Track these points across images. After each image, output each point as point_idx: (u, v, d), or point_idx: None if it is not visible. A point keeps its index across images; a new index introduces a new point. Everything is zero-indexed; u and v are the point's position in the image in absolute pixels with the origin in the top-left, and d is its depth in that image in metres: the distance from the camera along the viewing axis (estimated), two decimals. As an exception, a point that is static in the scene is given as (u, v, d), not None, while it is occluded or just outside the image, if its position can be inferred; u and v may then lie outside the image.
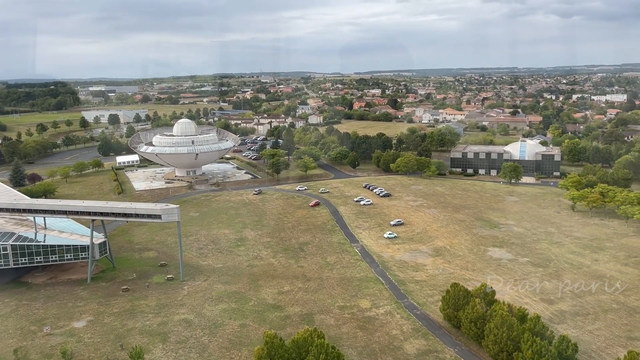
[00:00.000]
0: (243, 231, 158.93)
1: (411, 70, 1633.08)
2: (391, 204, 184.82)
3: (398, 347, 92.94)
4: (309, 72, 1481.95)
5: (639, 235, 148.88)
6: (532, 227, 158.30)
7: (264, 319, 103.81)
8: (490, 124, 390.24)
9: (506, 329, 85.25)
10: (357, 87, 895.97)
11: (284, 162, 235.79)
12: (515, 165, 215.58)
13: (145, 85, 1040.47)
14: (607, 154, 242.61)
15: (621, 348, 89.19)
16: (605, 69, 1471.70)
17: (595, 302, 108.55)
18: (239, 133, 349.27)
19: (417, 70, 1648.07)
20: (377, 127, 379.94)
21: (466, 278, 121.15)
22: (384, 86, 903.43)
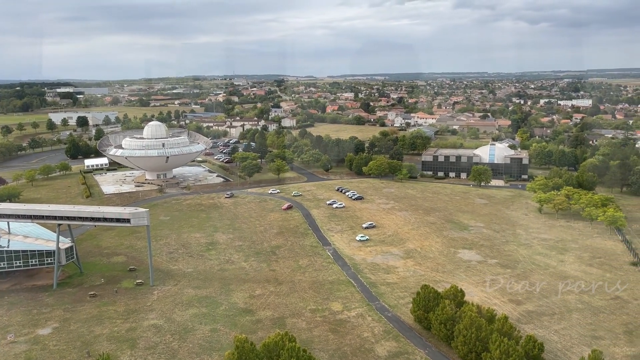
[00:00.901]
0: (214, 235, 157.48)
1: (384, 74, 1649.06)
2: (363, 207, 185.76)
3: (369, 350, 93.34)
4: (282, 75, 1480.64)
5: (603, 237, 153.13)
6: (501, 229, 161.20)
7: (235, 323, 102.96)
8: (460, 128, 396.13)
9: (475, 330, 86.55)
10: (330, 90, 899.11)
11: (257, 165, 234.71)
12: (484, 169, 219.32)
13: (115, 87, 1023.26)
14: (573, 157, 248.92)
15: (586, 347, 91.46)
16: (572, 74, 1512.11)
17: (560, 302, 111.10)
18: (211, 136, 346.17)
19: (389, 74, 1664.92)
20: (350, 130, 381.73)
21: (437, 280, 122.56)
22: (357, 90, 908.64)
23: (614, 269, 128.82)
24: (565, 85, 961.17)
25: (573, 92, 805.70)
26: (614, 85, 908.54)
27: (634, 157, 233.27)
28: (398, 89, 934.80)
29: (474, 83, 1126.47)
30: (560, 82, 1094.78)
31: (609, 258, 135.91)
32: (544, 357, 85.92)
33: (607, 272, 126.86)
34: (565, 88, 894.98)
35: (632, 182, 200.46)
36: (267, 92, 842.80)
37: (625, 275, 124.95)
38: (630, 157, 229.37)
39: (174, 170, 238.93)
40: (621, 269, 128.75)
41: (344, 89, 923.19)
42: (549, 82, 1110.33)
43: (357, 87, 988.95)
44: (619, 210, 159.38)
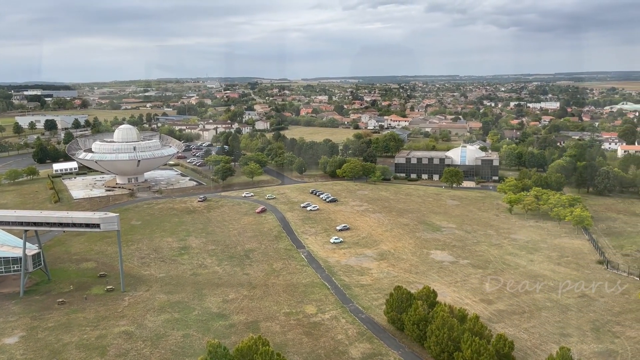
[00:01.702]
0: (187, 239, 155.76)
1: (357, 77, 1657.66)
2: (337, 209, 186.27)
3: (343, 352, 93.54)
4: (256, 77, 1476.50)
5: (570, 236, 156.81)
6: (473, 229, 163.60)
7: (208, 328, 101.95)
8: (432, 130, 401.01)
9: (447, 330, 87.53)
10: (304, 93, 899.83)
11: (230, 168, 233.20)
12: (456, 170, 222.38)
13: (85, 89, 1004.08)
14: (542, 158, 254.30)
15: (554, 344, 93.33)
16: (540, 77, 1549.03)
17: (530, 300, 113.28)
18: (183, 139, 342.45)
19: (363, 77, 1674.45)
20: (324, 133, 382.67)
21: (410, 281, 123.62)
22: (331, 92, 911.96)
23: (581, 267, 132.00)
24: (534, 88, 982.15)
25: (541, 94, 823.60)
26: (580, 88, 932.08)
27: (600, 158, 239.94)
28: (372, 92, 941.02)
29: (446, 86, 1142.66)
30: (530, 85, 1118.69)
31: (577, 257, 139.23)
32: (514, 356, 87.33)
33: (575, 270, 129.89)
34: (534, 91, 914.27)
35: (597, 183, 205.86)
36: (240, 94, 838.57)
37: (592, 273, 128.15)
38: (595, 158, 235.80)
39: (146, 174, 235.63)
40: (588, 267, 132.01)
41: (318, 92, 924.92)
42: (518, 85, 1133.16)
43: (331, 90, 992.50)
44: (585, 210, 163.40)
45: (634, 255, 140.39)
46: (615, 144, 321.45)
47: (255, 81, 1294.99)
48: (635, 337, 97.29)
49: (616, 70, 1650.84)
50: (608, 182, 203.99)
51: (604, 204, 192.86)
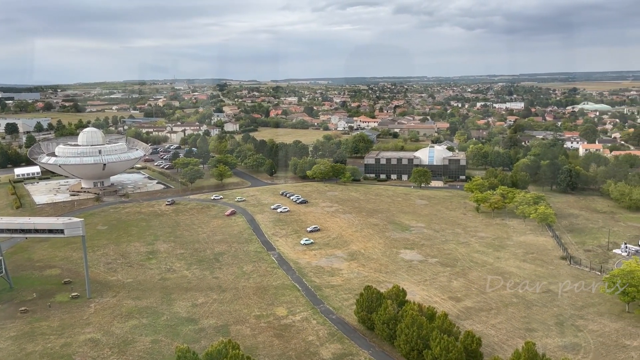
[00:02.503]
0: (155, 243, 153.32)
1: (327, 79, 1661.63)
2: (308, 211, 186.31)
3: (314, 353, 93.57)
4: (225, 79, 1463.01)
5: (535, 233, 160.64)
6: (441, 228, 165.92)
7: (177, 333, 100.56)
8: (401, 131, 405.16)
9: (416, 328, 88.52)
10: (273, 94, 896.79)
11: (198, 170, 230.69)
12: (424, 170, 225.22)
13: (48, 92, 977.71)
14: (507, 158, 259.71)
15: (520, 339, 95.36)
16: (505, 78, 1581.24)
17: (497, 297, 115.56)
18: (150, 142, 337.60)
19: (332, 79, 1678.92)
20: (294, 134, 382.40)
21: (380, 280, 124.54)
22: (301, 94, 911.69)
23: (546, 263, 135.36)
24: (500, 89, 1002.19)
25: (507, 95, 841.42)
26: (543, 89, 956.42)
27: (562, 157, 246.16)
28: (341, 93, 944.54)
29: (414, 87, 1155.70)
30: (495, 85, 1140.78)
31: (541, 253, 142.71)
32: (481, 352, 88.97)
33: (540, 267, 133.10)
34: (499, 91, 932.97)
35: (560, 181, 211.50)
36: (209, 96, 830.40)
37: (556, 269, 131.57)
38: (558, 157, 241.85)
39: (112, 178, 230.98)
40: (552, 263, 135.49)
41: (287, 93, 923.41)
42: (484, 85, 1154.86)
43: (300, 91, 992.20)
44: (549, 208, 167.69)
45: (595, 251, 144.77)
46: (577, 142, 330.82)
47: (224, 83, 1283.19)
48: (598, 331, 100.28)
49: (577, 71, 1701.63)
50: (570, 180, 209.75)
51: (566, 202, 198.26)
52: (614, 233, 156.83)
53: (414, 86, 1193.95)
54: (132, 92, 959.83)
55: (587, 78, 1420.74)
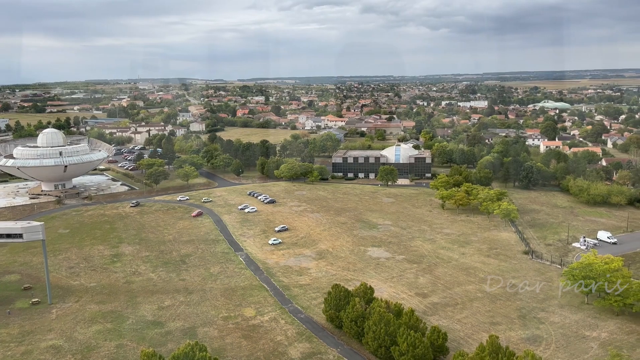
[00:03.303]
0: (119, 246, 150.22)
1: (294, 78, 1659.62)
2: (276, 210, 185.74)
3: (283, 353, 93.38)
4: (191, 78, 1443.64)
5: (499, 229, 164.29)
6: (407, 225, 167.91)
7: (143, 337, 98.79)
8: (368, 130, 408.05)
9: (384, 325, 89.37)
10: (240, 94, 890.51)
11: (164, 171, 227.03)
12: (391, 169, 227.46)
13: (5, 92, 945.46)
14: (471, 155, 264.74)
15: (485, 333, 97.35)
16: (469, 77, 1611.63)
17: (462, 292, 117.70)
18: (114, 142, 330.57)
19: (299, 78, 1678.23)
20: (261, 134, 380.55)
21: (348, 278, 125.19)
22: (268, 93, 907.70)
23: (509, 258, 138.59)
24: (464, 88, 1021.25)
25: (471, 94, 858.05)
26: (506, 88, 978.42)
27: (524, 154, 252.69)
28: (308, 93, 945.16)
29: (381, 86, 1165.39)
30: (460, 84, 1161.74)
31: (504, 248, 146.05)
32: (447, 346, 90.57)
33: (503, 261, 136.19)
34: (464, 90, 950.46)
35: (522, 177, 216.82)
36: (174, 96, 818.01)
37: (519, 263, 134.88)
38: (520, 154, 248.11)
39: (74, 180, 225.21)
40: (515, 257, 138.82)
41: (254, 93, 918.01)
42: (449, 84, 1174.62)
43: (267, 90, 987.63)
44: (512, 204, 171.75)
45: (556, 245, 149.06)
46: (538, 140, 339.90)
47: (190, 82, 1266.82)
48: (559, 322, 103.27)
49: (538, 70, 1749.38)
50: (532, 176, 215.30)
51: (528, 197, 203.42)
52: (573, 227, 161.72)
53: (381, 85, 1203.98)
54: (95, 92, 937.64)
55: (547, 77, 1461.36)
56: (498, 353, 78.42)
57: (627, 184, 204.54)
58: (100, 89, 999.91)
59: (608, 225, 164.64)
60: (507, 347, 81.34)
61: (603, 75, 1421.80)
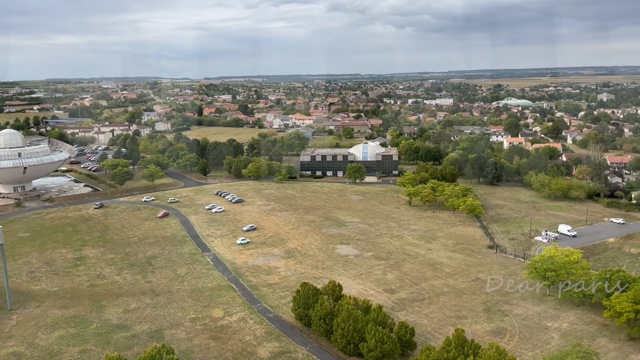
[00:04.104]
0: (83, 249, 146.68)
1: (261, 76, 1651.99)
2: (244, 210, 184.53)
3: (251, 353, 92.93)
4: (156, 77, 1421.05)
5: (464, 224, 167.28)
6: (375, 223, 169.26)
7: (107, 341, 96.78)
8: (336, 128, 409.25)
9: (352, 322, 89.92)
10: (207, 92, 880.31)
11: (128, 172, 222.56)
12: (358, 166, 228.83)
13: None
14: (437, 152, 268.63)
15: (451, 327, 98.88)
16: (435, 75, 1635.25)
17: (429, 287, 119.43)
18: (76, 143, 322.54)
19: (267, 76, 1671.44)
20: (228, 133, 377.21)
21: (316, 277, 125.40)
22: (235, 92, 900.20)
23: (474, 253, 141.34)
24: (430, 86, 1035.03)
25: (437, 92, 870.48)
26: (471, 85, 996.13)
27: (488, 150, 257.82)
28: (276, 91, 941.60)
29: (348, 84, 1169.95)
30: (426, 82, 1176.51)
31: (470, 243, 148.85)
32: (415, 341, 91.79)
33: (469, 256, 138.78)
34: (430, 88, 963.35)
35: (486, 173, 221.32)
36: (139, 95, 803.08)
37: (484, 257, 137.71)
38: (485, 150, 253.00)
39: (34, 182, 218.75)
40: (480, 252, 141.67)
41: (221, 91, 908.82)
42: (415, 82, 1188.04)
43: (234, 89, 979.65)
44: (476, 199, 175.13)
45: (519, 239, 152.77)
46: (501, 136, 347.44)
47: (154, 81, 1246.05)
48: (522, 314, 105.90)
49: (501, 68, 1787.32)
50: (496, 172, 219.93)
51: (492, 193, 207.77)
52: (535, 221, 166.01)
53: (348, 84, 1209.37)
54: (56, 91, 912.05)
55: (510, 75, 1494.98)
56: (464, 346, 79.88)
57: (586, 179, 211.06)
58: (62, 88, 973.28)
59: (568, 219, 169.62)
60: (472, 340, 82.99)
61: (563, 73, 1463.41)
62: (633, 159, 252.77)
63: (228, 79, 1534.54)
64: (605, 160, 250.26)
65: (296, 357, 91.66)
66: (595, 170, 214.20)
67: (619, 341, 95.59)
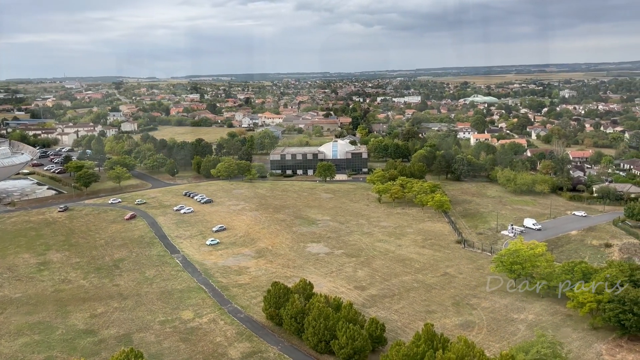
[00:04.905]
0: (47, 254, 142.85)
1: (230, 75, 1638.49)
2: (213, 210, 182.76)
3: (222, 354, 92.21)
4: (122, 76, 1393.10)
5: (433, 220, 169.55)
6: (346, 220, 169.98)
7: (74, 347, 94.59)
8: (306, 127, 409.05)
9: (323, 320, 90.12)
10: (174, 92, 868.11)
11: (94, 174, 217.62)
12: (329, 165, 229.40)
13: None
14: (406, 149, 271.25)
15: (421, 322, 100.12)
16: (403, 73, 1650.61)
17: (399, 283, 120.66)
18: (38, 145, 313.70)
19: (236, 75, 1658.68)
20: (197, 132, 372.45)
21: (287, 275, 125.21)
22: (203, 91, 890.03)
23: (443, 248, 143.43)
24: (398, 84, 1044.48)
25: (405, 89, 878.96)
26: (438, 83, 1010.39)
27: (455, 147, 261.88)
28: (245, 90, 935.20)
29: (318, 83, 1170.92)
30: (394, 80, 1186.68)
31: (438, 239, 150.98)
32: (385, 337, 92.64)
33: (437, 251, 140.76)
34: (398, 86, 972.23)
35: (454, 169, 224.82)
36: (104, 95, 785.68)
37: (452, 252, 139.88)
38: (452, 147, 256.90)
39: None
40: (448, 247, 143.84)
41: (189, 90, 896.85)
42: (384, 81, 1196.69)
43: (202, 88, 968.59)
44: (444, 195, 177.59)
45: (486, 233, 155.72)
46: (468, 133, 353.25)
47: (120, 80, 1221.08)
48: (489, 307, 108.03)
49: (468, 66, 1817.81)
50: (463, 169, 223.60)
51: (460, 189, 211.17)
52: (502, 216, 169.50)
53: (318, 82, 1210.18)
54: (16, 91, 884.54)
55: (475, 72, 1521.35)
56: (433, 340, 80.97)
57: (550, 173, 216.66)
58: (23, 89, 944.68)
59: (533, 213, 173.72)
60: (441, 334, 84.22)
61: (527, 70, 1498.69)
62: (594, 154, 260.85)
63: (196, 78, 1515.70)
64: (568, 155, 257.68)
65: (268, 357, 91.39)
66: (558, 165, 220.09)
67: (582, 331, 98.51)
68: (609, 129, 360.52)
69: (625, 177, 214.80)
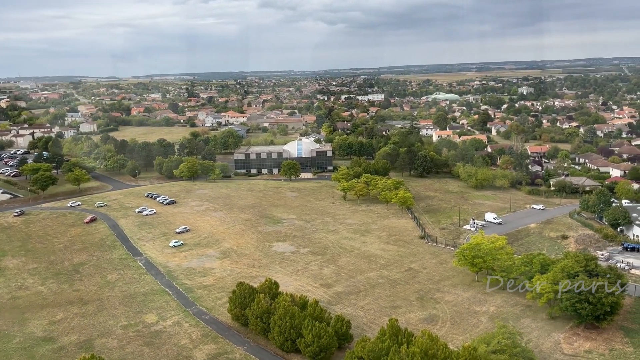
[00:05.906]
0: (2, 260, 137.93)
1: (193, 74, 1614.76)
2: (176, 211, 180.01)
3: (188, 357, 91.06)
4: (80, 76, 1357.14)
5: (397, 216, 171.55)
6: (311, 218, 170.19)
7: (32, 355, 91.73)
8: (270, 125, 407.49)
9: (289, 319, 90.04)
10: (135, 91, 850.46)
11: (51, 176, 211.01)
12: (293, 163, 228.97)
13: None
14: (370, 147, 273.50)
15: (386, 317, 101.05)
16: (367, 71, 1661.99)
17: (365, 280, 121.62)
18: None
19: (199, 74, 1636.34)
20: (159, 132, 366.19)
21: (253, 275, 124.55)
22: (165, 90, 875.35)
23: (407, 243, 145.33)
24: (362, 82, 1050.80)
25: (368, 87, 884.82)
26: (401, 81, 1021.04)
27: (418, 144, 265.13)
28: (208, 89, 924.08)
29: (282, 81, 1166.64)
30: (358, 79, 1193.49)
31: (403, 235, 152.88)
32: (351, 333, 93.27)
33: (402, 247, 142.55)
34: (362, 84, 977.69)
35: (417, 166, 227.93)
36: (62, 95, 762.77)
37: (416, 248, 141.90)
38: (415, 144, 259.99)
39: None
40: (412, 243, 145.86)
41: (150, 90, 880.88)
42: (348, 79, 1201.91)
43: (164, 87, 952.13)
44: (408, 192, 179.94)
45: (449, 228, 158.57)
46: (431, 130, 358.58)
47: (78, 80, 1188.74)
48: (453, 301, 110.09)
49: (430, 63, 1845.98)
50: (426, 165, 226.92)
51: (423, 185, 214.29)
52: (464, 211, 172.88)
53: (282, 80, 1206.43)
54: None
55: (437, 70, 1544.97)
56: (398, 335, 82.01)
57: (509, 168, 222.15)
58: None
59: (494, 207, 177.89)
60: (406, 328, 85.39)
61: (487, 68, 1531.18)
62: (551, 149, 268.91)
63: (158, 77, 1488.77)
64: (526, 150, 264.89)
65: (234, 358, 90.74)
66: (517, 160, 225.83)
67: (541, 321, 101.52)
68: (565, 124, 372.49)
69: (581, 171, 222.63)
